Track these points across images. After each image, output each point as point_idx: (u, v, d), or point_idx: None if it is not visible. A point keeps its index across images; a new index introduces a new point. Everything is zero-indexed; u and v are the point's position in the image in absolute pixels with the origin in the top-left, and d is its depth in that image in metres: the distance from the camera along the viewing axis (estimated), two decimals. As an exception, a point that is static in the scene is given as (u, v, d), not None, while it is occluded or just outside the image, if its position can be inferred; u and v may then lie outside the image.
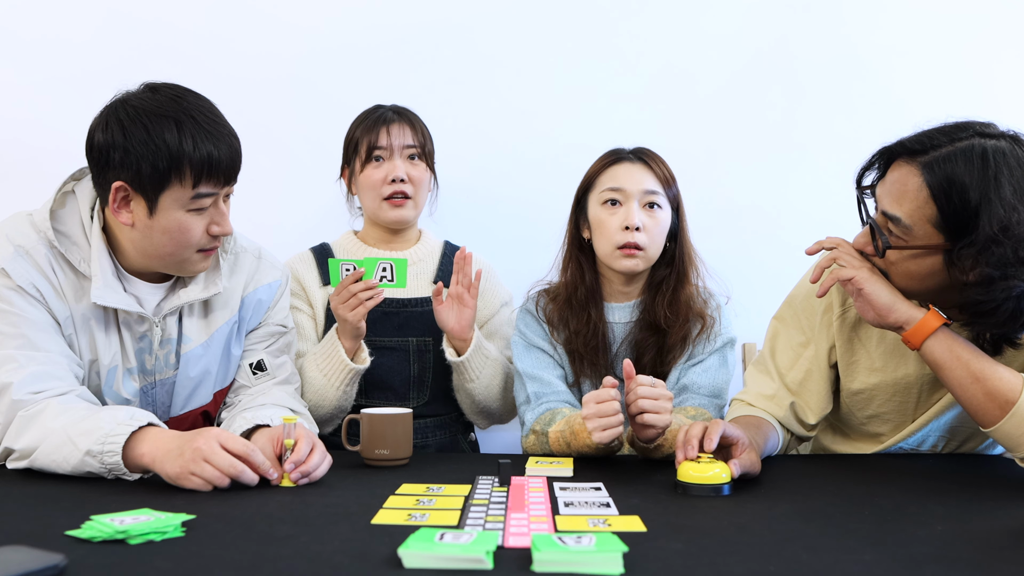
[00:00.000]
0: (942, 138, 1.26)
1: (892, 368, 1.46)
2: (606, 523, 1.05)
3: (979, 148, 1.22)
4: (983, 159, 1.21)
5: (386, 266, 1.65)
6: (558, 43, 2.26)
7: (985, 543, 0.97)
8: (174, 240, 1.38)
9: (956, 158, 1.23)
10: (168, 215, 1.36)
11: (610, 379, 1.39)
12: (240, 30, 2.23)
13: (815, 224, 2.18)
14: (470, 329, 1.74)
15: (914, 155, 1.27)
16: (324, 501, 1.16)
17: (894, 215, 1.28)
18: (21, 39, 2.20)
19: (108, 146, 1.33)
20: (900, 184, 1.28)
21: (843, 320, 1.49)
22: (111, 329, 1.44)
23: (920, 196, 1.25)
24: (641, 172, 1.66)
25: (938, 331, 1.28)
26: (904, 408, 1.49)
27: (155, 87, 1.38)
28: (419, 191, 1.86)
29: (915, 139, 1.29)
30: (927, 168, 1.24)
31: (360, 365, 1.70)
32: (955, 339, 1.28)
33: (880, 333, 1.47)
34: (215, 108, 1.39)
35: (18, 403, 1.30)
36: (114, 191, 1.34)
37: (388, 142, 1.82)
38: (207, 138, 1.34)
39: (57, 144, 1.75)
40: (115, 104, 1.36)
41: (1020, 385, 1.24)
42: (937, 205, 1.24)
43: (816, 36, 2.26)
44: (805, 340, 1.53)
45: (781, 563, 0.89)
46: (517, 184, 2.25)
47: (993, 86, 2.24)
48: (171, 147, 1.31)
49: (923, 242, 1.26)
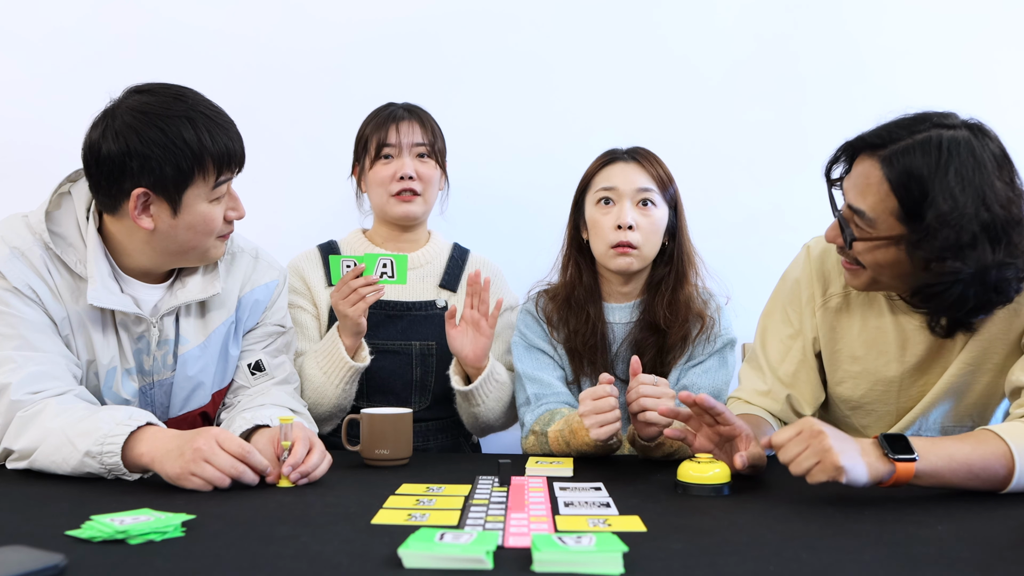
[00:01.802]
0: (901, 131, 1.28)
1: (873, 356, 1.48)
2: (606, 523, 1.05)
3: (936, 139, 1.25)
4: (939, 150, 1.24)
5: (386, 262, 1.65)
6: (562, 42, 2.26)
7: (985, 543, 0.97)
8: (198, 233, 1.40)
9: (914, 150, 1.25)
10: (192, 211, 1.37)
11: (606, 376, 1.39)
12: (256, 28, 2.23)
13: (816, 224, 2.18)
14: (485, 358, 1.69)
15: (875, 149, 1.30)
16: (324, 501, 1.16)
17: (859, 208, 1.30)
18: (22, 38, 2.20)
19: (123, 154, 1.32)
20: (863, 178, 1.31)
21: (825, 308, 1.51)
22: (108, 330, 1.43)
23: (882, 189, 1.28)
24: (634, 171, 1.67)
25: (914, 465, 1.19)
26: (886, 398, 1.49)
27: (145, 89, 1.38)
28: (428, 188, 1.85)
29: (875, 133, 1.31)
30: (886, 162, 1.27)
31: (360, 363, 1.70)
32: (928, 458, 1.18)
33: (861, 322, 1.48)
34: (213, 101, 1.41)
35: (17, 403, 1.30)
36: (135, 198, 1.34)
37: (397, 139, 1.82)
38: (219, 130, 1.36)
39: (58, 144, 1.75)
40: (113, 112, 1.35)
41: (1005, 451, 1.20)
42: (897, 197, 1.26)
43: (818, 35, 2.26)
44: (794, 331, 1.54)
45: (781, 563, 0.89)
46: (518, 183, 2.25)
47: (995, 76, 2.24)
48: (191, 145, 1.33)
49: (886, 233, 1.29)
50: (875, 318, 1.47)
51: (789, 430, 1.20)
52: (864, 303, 1.49)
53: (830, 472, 1.13)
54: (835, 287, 1.51)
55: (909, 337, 1.44)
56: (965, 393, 1.44)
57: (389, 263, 1.65)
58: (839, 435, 1.17)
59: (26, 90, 2.20)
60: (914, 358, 1.45)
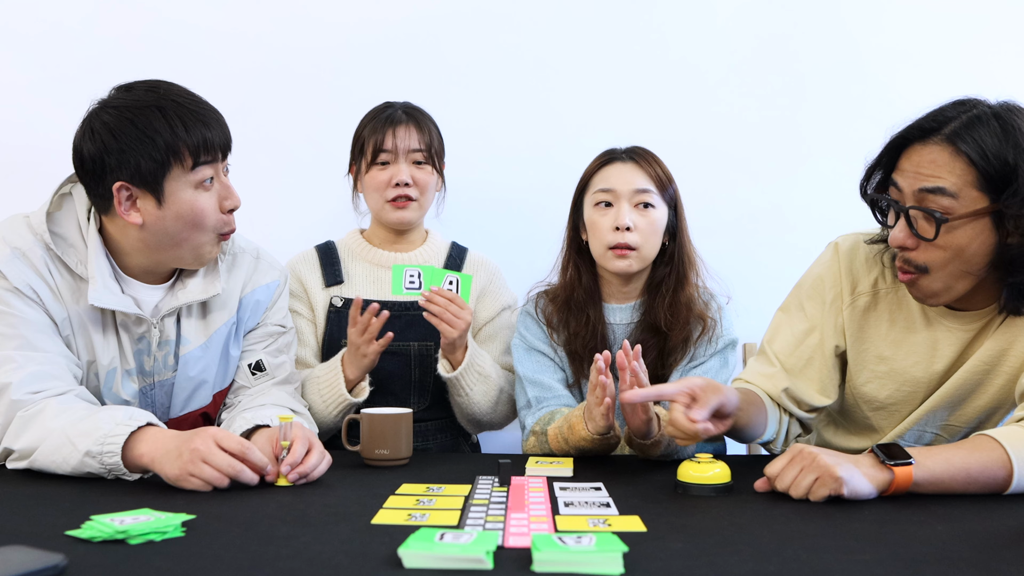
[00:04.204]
0: (951, 111, 1.29)
1: (902, 357, 1.46)
2: (606, 523, 1.05)
3: (987, 112, 1.27)
4: (999, 119, 1.26)
5: (453, 279, 1.67)
6: (561, 42, 2.26)
7: (985, 543, 0.97)
8: (189, 224, 1.38)
9: (977, 123, 1.26)
10: (177, 199, 1.36)
11: (600, 357, 1.37)
12: (254, 28, 2.23)
13: (817, 223, 2.18)
14: (463, 337, 1.71)
15: (930, 133, 1.29)
16: (324, 501, 1.16)
17: (937, 187, 1.27)
18: (22, 38, 2.20)
19: (101, 152, 1.34)
20: (929, 162, 1.28)
21: (853, 307, 1.49)
22: (109, 331, 1.43)
23: (957, 165, 1.26)
24: (632, 172, 1.66)
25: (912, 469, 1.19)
26: (912, 399, 1.48)
27: (128, 86, 1.39)
28: (424, 194, 1.85)
29: (925, 119, 1.31)
30: (952, 139, 1.26)
31: (358, 399, 1.70)
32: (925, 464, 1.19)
33: (889, 322, 1.47)
34: (190, 90, 1.41)
35: (17, 403, 1.30)
36: (117, 193, 1.35)
37: (394, 145, 1.81)
38: (192, 116, 1.36)
39: (58, 145, 1.74)
40: (94, 112, 1.37)
41: (1003, 455, 1.20)
42: (977, 169, 1.25)
43: (818, 35, 2.26)
44: (808, 327, 1.52)
45: (781, 563, 0.89)
46: (517, 184, 2.25)
47: (995, 76, 2.24)
48: (163, 134, 1.33)
49: (971, 208, 1.26)
50: (904, 318, 1.45)
51: (781, 459, 1.21)
52: (893, 302, 1.47)
53: (830, 485, 1.14)
54: (863, 285, 1.48)
55: (940, 338, 1.42)
56: (975, 394, 1.42)
57: (455, 280, 1.67)
58: (832, 452, 1.19)
59: (26, 91, 2.20)
60: (944, 360, 1.43)
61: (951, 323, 1.41)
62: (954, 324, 1.41)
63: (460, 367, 1.71)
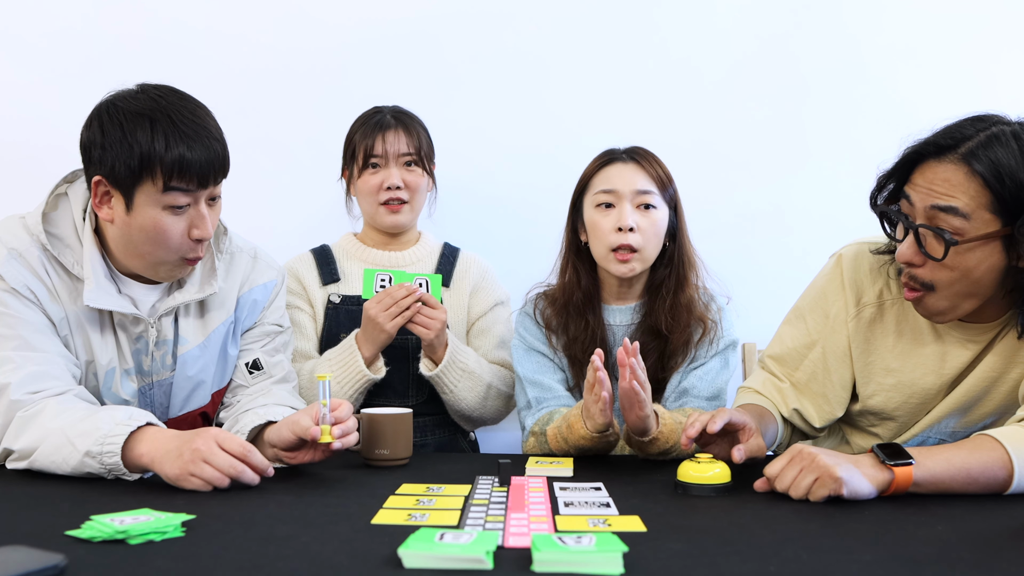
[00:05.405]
0: (969, 129, 1.25)
1: (910, 368, 1.44)
2: (606, 523, 1.05)
3: (1006, 132, 1.23)
4: (1017, 140, 1.22)
5: (422, 281, 1.71)
6: (560, 42, 2.26)
7: (985, 543, 0.97)
8: (151, 240, 1.37)
9: (994, 143, 1.22)
10: (144, 212, 1.35)
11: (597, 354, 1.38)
12: (253, 29, 2.23)
13: (817, 224, 2.19)
14: (442, 333, 1.73)
15: (946, 151, 1.25)
16: (324, 501, 1.16)
17: (950, 206, 1.24)
18: (22, 38, 2.20)
19: (90, 143, 1.35)
20: (943, 179, 1.25)
21: (858, 320, 1.46)
22: (107, 330, 1.44)
23: (971, 185, 1.23)
24: (633, 172, 1.66)
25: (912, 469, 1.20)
26: (919, 411, 1.46)
27: (144, 87, 1.38)
28: (415, 196, 1.88)
29: (941, 136, 1.27)
30: (968, 158, 1.23)
31: (376, 375, 1.72)
32: (925, 464, 1.19)
33: (896, 333, 1.45)
34: (199, 109, 1.37)
35: (16, 403, 1.30)
36: (94, 185, 1.36)
37: (384, 149, 1.84)
38: (181, 138, 1.32)
39: (58, 144, 1.74)
40: (103, 103, 1.37)
41: (1003, 454, 1.20)
42: (991, 190, 1.21)
43: (818, 35, 2.26)
44: (810, 342, 1.50)
45: (781, 563, 0.89)
46: (516, 184, 2.25)
47: (995, 76, 2.23)
48: (142, 146, 1.31)
49: (982, 231, 1.23)
50: (912, 330, 1.43)
51: (780, 460, 1.21)
52: (899, 313, 1.44)
53: (830, 485, 1.14)
54: (868, 296, 1.45)
55: (950, 350, 1.40)
56: (984, 400, 1.41)
57: (425, 283, 1.71)
58: (831, 452, 1.19)
59: (26, 90, 2.20)
60: (952, 371, 1.41)
61: (960, 334, 1.39)
62: (964, 336, 1.39)
63: (440, 365, 1.74)
